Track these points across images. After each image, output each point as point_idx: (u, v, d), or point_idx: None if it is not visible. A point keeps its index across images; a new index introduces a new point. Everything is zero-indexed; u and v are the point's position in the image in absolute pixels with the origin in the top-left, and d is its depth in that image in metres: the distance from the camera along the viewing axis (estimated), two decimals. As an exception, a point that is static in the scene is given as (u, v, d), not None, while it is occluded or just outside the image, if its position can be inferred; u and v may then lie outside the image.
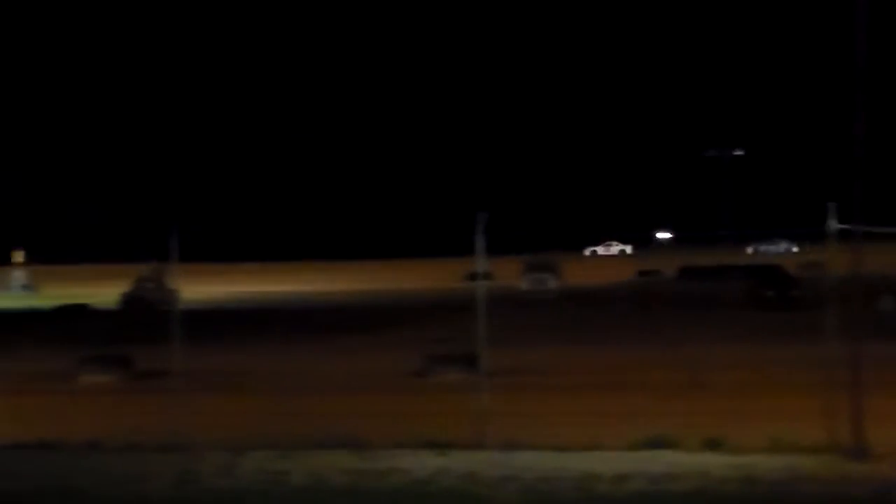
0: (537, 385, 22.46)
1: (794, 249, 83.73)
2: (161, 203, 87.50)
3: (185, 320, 22.61)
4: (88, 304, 48.09)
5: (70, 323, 41.76)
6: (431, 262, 77.03)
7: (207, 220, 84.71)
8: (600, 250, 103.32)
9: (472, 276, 42.33)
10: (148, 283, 45.20)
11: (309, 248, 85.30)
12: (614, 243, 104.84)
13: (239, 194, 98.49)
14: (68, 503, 11.55)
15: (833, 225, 13.69)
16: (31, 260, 68.13)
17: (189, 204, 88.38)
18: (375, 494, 11.74)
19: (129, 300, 46.66)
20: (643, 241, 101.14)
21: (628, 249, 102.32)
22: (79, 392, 23.08)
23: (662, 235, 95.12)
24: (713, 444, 13.62)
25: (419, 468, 12.73)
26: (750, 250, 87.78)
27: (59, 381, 24.24)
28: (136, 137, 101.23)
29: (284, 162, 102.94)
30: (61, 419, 18.67)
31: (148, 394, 21.62)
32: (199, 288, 47.79)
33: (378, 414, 17.98)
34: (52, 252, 75.98)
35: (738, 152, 72.64)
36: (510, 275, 58.70)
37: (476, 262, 15.74)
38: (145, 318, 35.77)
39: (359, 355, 29.40)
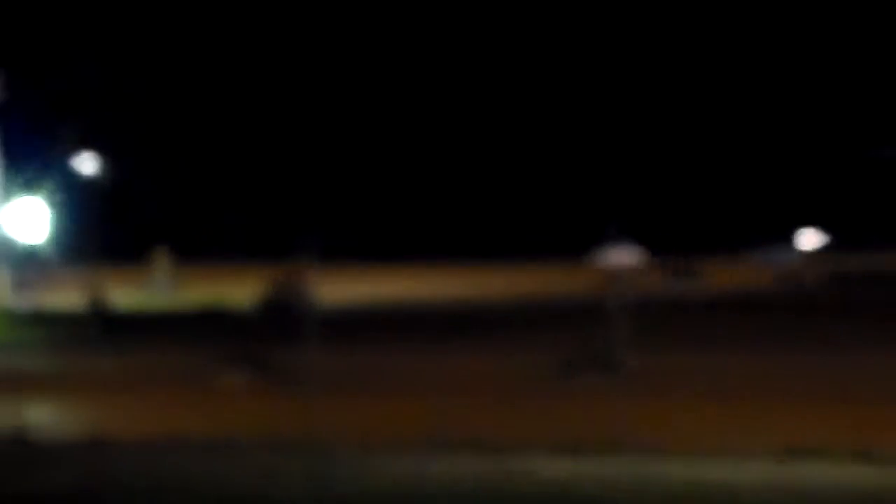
0: (679, 390, 21.86)
1: None
2: (300, 203, 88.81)
3: (322, 321, 22.82)
4: (228, 304, 49.08)
5: (209, 322, 42.70)
6: (567, 264, 76.35)
7: (345, 221, 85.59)
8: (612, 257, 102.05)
9: (612, 279, 41.73)
10: (286, 284, 45.85)
11: (445, 250, 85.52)
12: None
13: (376, 195, 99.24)
14: (201, 500, 11.63)
15: None
16: (173, 259, 69.95)
17: (328, 205, 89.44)
18: (510, 499, 11.52)
19: (268, 300, 47.43)
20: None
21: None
22: (216, 391, 23.50)
23: (809, 237, 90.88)
24: (863, 456, 12.96)
25: (554, 472, 12.46)
26: None
27: (197, 381, 24.73)
28: (278, 135, 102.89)
29: (420, 164, 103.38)
30: (198, 417, 19.01)
31: (282, 394, 21.87)
32: (336, 288, 48.31)
33: (513, 416, 17.77)
34: (193, 251, 77.90)
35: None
36: (651, 277, 57.79)
37: (613, 266, 15.41)
38: (283, 318, 36.25)
39: (495, 357, 29.21)
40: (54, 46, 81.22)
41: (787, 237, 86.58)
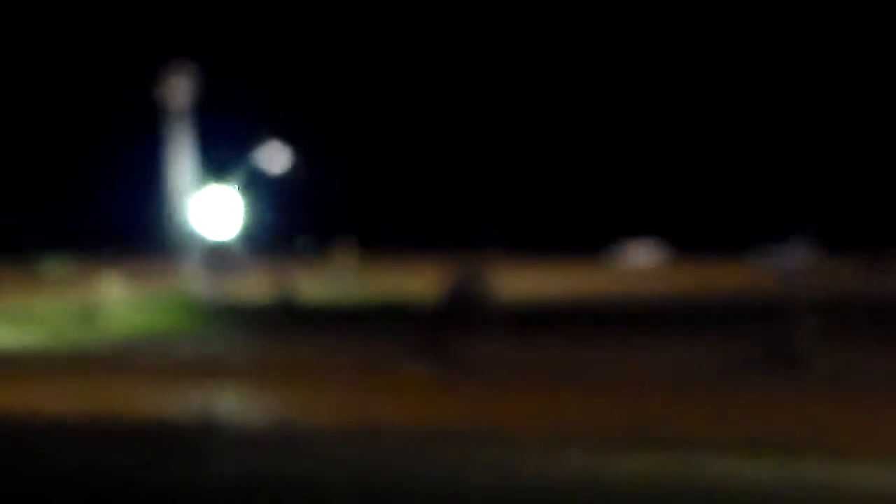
0: (870, 390, 20.66)
1: None
2: (482, 196, 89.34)
3: (505, 313, 22.61)
4: (411, 295, 49.71)
5: (392, 313, 43.26)
6: (733, 260, 74.16)
7: (527, 213, 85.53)
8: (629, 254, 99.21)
9: (788, 277, 40.17)
10: (469, 276, 45.99)
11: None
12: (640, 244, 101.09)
13: (558, 188, 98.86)
14: (388, 489, 11.53)
15: None
16: (356, 251, 71.45)
17: (509, 197, 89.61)
18: (701, 497, 11.08)
19: (451, 292, 47.67)
20: None
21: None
22: (401, 381, 23.59)
23: None
24: None
25: (743, 473, 11.94)
26: None
27: (382, 370, 24.91)
28: (460, 127, 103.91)
29: (603, 155, 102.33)
30: (384, 407, 19.08)
31: (467, 385, 21.83)
32: (518, 281, 48.25)
33: (694, 413, 17.17)
34: (376, 243, 79.45)
35: None
36: (841, 274, 55.35)
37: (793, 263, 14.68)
38: (466, 310, 36.30)
39: (680, 353, 28.34)
40: (248, 41, 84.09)
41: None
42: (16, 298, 48.76)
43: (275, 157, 60.95)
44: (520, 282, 50.65)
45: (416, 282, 58.47)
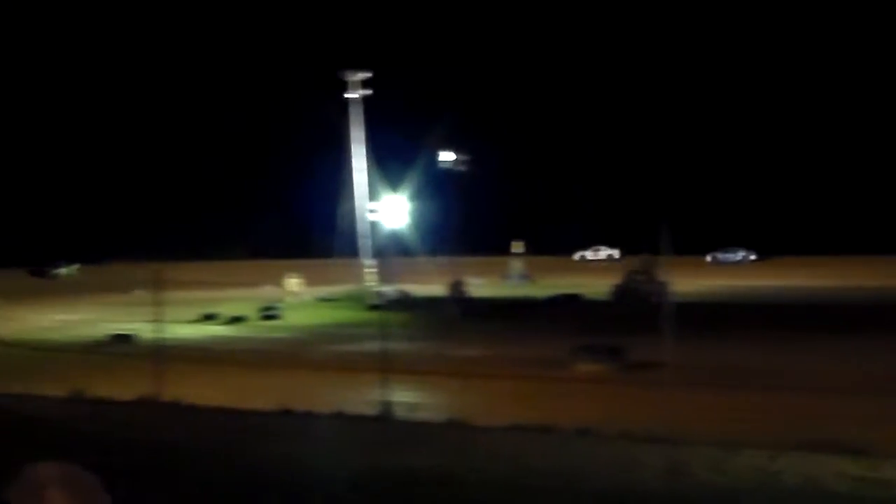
0: None
1: None
2: (654, 194, 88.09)
3: (677, 313, 22.28)
4: (581, 294, 49.58)
5: (564, 312, 43.25)
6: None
7: (697, 212, 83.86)
8: (589, 255, 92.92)
9: None
10: (640, 275, 45.53)
11: (798, 242, 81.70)
12: (602, 248, 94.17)
13: (726, 187, 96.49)
14: (558, 487, 11.63)
15: None
16: (529, 250, 71.55)
17: (681, 196, 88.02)
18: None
19: (621, 291, 47.31)
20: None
21: (616, 254, 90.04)
22: (572, 379, 23.62)
23: None
24: None
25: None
26: None
27: (554, 368, 24.99)
28: (630, 126, 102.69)
29: (775, 155, 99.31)
30: (556, 404, 19.20)
31: (638, 385, 21.65)
32: (690, 280, 47.43)
33: (879, 419, 16.54)
34: (547, 243, 79.37)
35: None
36: None
37: None
38: (637, 309, 36.00)
39: (854, 355, 27.34)
40: (416, 45, 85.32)
41: None
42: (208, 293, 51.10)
43: (447, 159, 61.65)
44: (691, 280, 49.81)
45: (588, 280, 58.17)
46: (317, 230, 70.47)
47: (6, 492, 2.07)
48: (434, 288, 49.59)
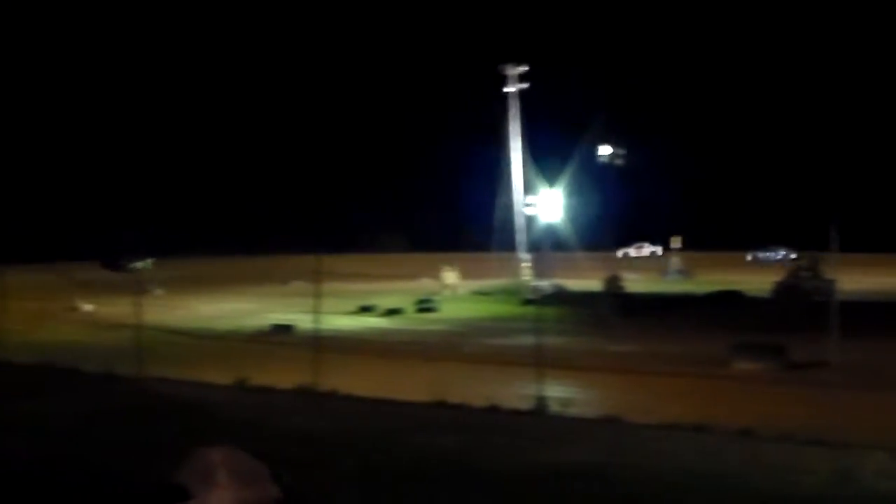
0: None
1: None
2: (816, 190, 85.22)
3: (843, 312, 21.45)
4: (742, 291, 48.36)
5: (724, 309, 42.26)
6: None
7: (865, 209, 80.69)
8: (632, 252, 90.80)
9: None
10: (804, 272, 44.11)
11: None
12: (645, 244, 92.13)
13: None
14: (720, 488, 11.36)
15: None
16: (688, 246, 70.31)
17: (846, 192, 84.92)
18: None
19: (784, 289, 45.92)
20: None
21: (659, 251, 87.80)
22: (731, 378, 23.06)
23: None
24: None
25: None
26: None
27: (712, 366, 24.45)
28: (794, 119, 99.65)
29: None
30: (713, 403, 18.78)
31: (801, 385, 21.00)
32: (858, 278, 45.68)
33: None
34: (707, 238, 77.82)
35: None
36: None
37: None
38: (800, 307, 34.87)
39: None
40: (574, 38, 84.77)
41: None
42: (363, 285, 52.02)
43: (604, 153, 61.12)
44: (858, 279, 47.95)
45: (747, 278, 56.73)
46: (473, 224, 70.95)
47: (177, 474, 2.13)
48: (590, 283, 49.20)
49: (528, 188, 59.62)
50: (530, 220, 59.62)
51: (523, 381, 20.07)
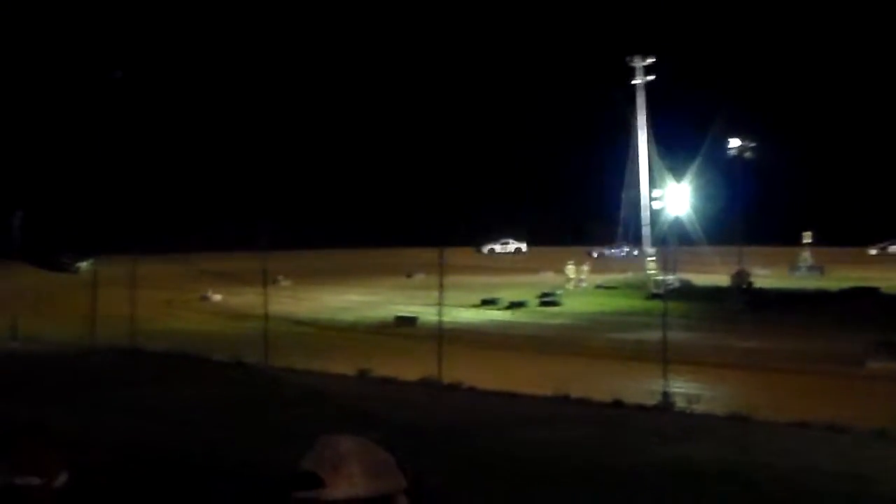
0: None
1: None
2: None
3: None
4: (879, 288, 46.71)
5: (859, 306, 40.88)
6: None
7: None
8: (497, 248, 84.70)
9: None
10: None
11: None
12: (511, 240, 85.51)
13: None
14: (853, 490, 10.95)
15: None
16: (820, 241, 68.31)
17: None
18: None
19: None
20: None
21: (524, 247, 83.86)
22: (865, 377, 22.29)
23: None
24: None
25: None
26: None
27: (845, 365, 23.68)
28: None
29: None
30: (846, 403, 18.13)
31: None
32: None
33: None
34: (840, 233, 75.54)
35: None
36: None
37: None
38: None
39: None
40: (700, 28, 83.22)
41: None
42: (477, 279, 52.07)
43: (733, 146, 59.85)
44: None
45: (886, 274, 54.76)
46: (597, 218, 70.39)
47: (306, 461, 2.10)
48: (717, 278, 48.30)
49: (655, 182, 58.87)
50: (657, 213, 58.83)
51: (648, 376, 19.77)
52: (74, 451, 3.17)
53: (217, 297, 46.56)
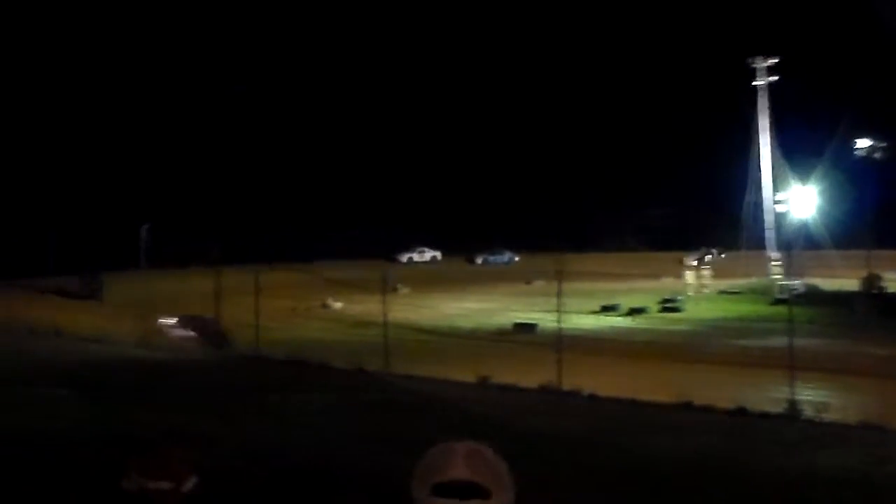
0: None
1: None
2: None
3: None
4: None
5: None
6: None
7: None
8: (415, 257, 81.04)
9: None
10: None
11: None
12: (427, 249, 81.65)
13: None
14: None
15: None
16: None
17: None
18: None
19: None
20: None
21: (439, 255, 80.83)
22: None
23: None
24: None
25: None
26: None
27: None
28: None
29: None
30: None
31: None
32: None
33: None
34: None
35: None
36: None
37: None
38: None
39: None
40: (825, 25, 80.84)
41: None
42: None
43: (862, 146, 58.07)
44: None
45: None
46: (719, 222, 69.04)
47: (420, 464, 2.11)
48: (845, 282, 46.92)
49: (778, 184, 57.49)
50: (781, 217, 57.47)
51: (773, 383, 19.33)
52: (203, 457, 3.24)
53: (338, 305, 47.23)
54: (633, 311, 42.46)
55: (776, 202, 57.34)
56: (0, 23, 70.01)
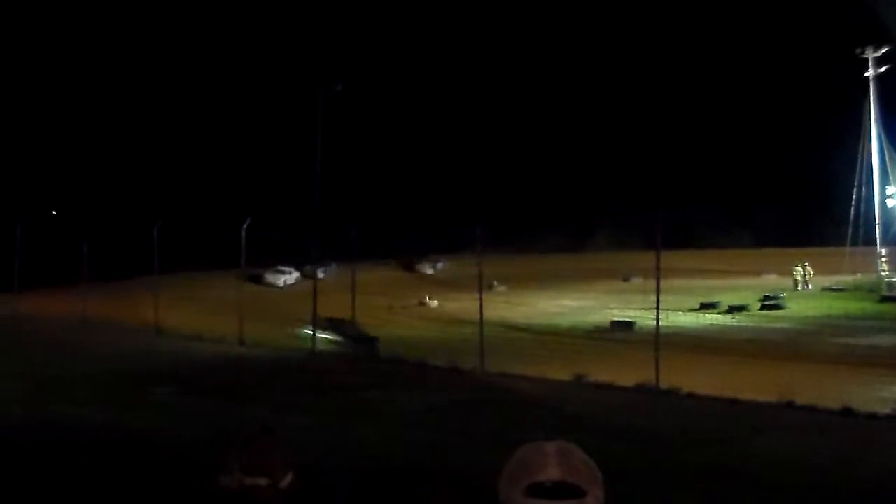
0: None
1: None
2: None
3: None
4: None
5: None
6: None
7: None
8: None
9: None
10: None
11: None
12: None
13: None
14: None
15: None
16: None
17: None
18: None
19: None
20: None
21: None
22: None
23: None
24: None
25: None
26: None
27: None
28: None
29: None
30: None
31: None
32: None
33: None
34: None
35: None
36: None
37: None
38: None
39: None
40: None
41: None
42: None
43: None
44: None
45: None
46: (824, 217, 67.36)
47: (509, 465, 2.10)
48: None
49: (889, 179, 55.92)
50: (892, 212, 55.90)
51: (881, 383, 18.82)
52: (299, 454, 3.28)
53: (434, 303, 47.41)
54: (733, 309, 41.70)
55: (887, 196, 55.81)
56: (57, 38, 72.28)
